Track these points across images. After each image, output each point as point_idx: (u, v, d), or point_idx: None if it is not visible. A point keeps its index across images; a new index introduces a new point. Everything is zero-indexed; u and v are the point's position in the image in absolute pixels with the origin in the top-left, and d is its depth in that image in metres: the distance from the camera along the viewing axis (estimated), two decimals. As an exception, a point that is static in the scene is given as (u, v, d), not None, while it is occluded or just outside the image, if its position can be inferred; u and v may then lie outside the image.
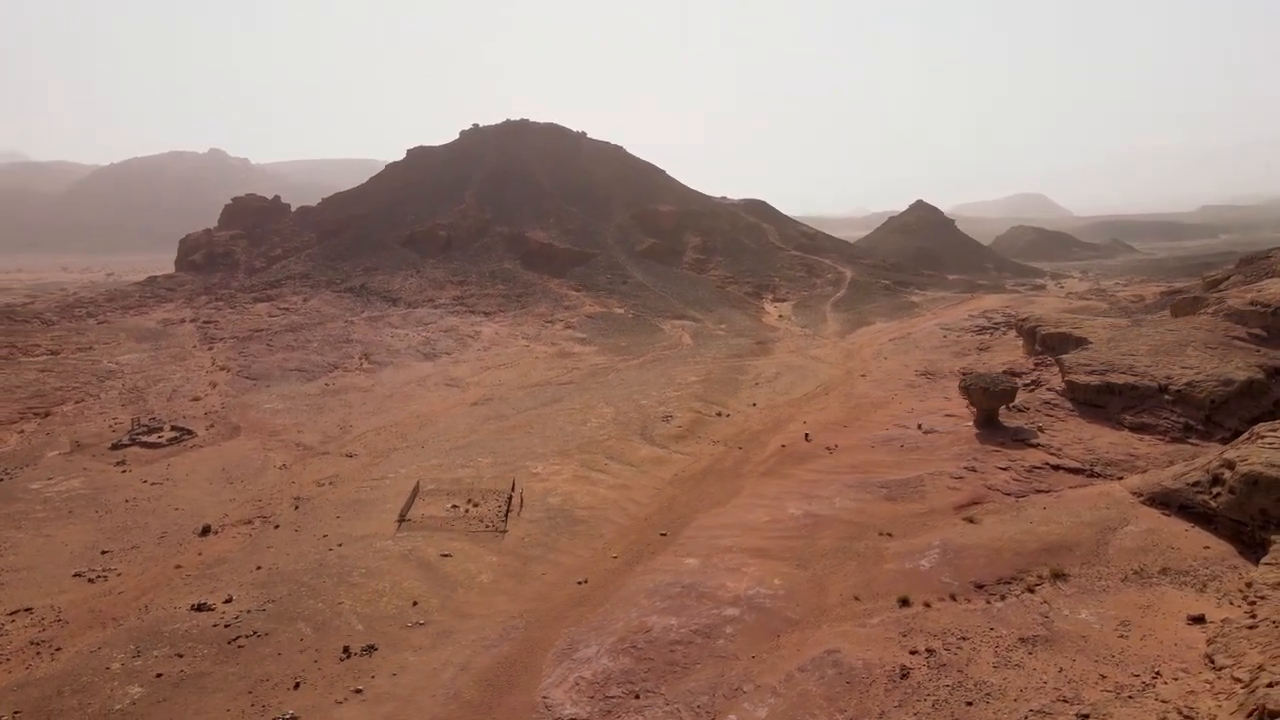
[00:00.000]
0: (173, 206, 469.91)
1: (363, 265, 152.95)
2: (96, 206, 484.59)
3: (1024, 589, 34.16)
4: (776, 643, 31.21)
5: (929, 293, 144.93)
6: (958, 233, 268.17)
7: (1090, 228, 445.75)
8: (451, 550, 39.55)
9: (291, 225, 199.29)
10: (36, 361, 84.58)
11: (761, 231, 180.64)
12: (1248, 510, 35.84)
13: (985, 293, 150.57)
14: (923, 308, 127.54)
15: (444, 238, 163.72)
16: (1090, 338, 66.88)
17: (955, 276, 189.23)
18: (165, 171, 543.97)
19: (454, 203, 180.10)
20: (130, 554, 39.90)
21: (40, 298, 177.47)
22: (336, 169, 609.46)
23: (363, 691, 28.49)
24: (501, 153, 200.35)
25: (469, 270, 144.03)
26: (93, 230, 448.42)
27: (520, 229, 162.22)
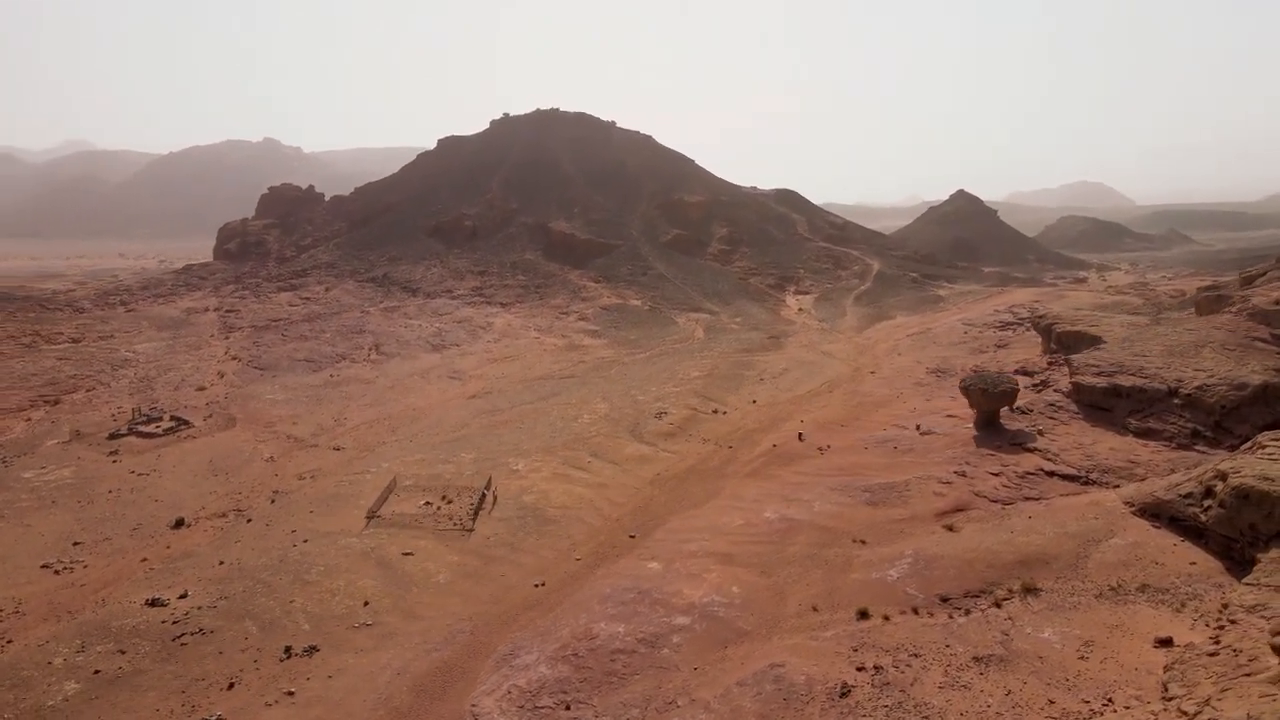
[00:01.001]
0: (229, 194, 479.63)
1: (388, 255, 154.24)
2: (156, 194, 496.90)
3: (991, 603, 32.71)
4: (722, 654, 30.27)
5: (958, 286, 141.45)
6: (999, 223, 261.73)
7: (1150, 217, 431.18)
8: (414, 549, 39.24)
9: (324, 214, 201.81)
10: (57, 349, 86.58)
11: (790, 222, 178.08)
12: (1237, 525, 33.88)
13: (1018, 286, 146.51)
14: (949, 302, 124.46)
15: (470, 228, 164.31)
16: (1105, 337, 64.27)
17: (991, 269, 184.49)
18: (222, 159, 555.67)
19: (481, 192, 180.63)
20: (101, 546, 40.33)
21: (87, 284, 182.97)
22: (385, 156, 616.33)
23: (294, 694, 28.24)
24: (531, 142, 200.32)
25: (491, 261, 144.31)
26: (152, 217, 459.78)
27: (545, 219, 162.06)
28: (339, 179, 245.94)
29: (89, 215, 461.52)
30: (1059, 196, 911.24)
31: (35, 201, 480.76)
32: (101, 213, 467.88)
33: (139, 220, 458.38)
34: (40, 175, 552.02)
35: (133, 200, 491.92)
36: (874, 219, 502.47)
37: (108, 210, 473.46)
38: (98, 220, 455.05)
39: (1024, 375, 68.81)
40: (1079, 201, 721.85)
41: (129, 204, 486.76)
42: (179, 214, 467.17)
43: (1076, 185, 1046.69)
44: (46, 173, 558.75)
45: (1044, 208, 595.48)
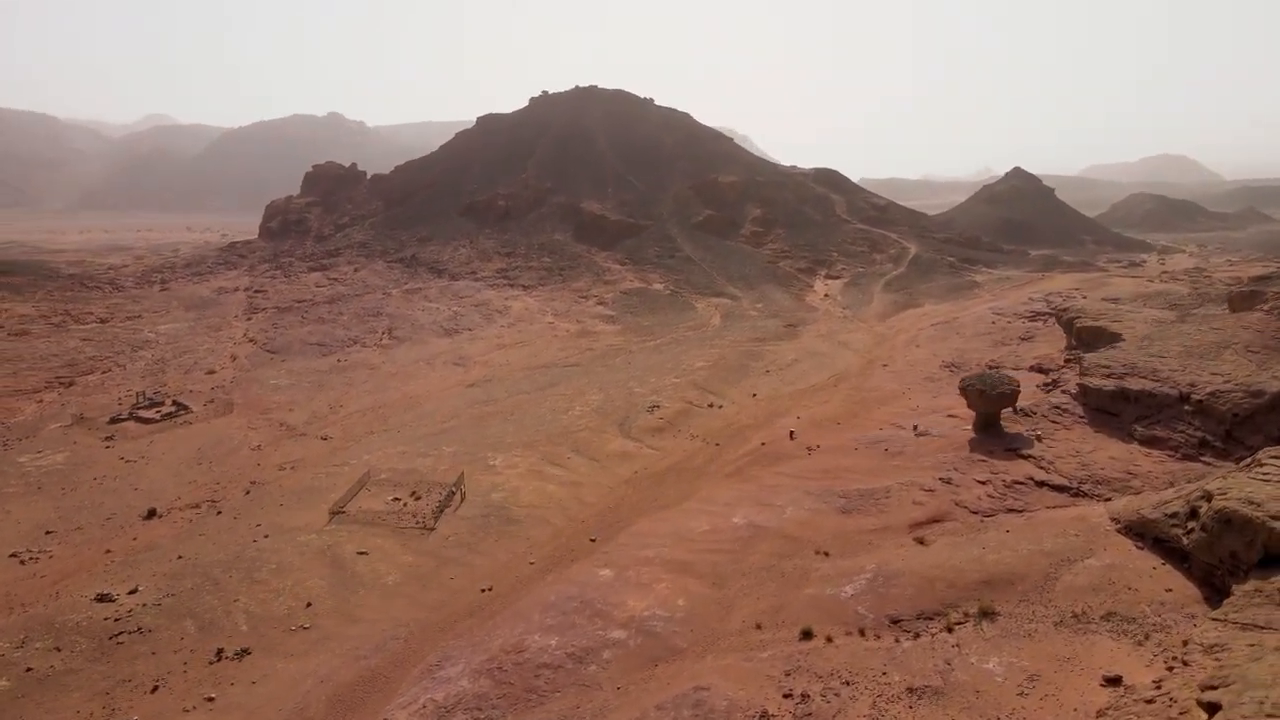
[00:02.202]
0: (292, 168, 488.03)
1: (419, 235, 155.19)
2: (225, 168, 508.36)
3: (943, 627, 31.12)
4: (650, 673, 29.36)
5: (997, 271, 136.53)
6: (1056, 203, 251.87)
7: (1231, 194, 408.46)
8: (371, 548, 39.08)
9: (364, 193, 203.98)
10: (84, 329, 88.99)
11: (829, 203, 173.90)
12: (1217, 552, 31.62)
13: (1062, 272, 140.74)
14: (984, 288, 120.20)
15: (503, 207, 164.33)
16: (1125, 334, 61.02)
17: (1038, 252, 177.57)
18: (288, 134, 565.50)
19: (516, 171, 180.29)
20: (72, 535, 41.07)
21: (145, 258, 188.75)
22: (446, 131, 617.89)
23: (215, 700, 28.22)
24: (568, 120, 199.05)
25: (519, 242, 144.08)
26: (221, 191, 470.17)
27: (577, 199, 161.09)
28: (402, 152, 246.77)
29: (163, 188, 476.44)
30: (1138, 171, 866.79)
31: (115, 175, 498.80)
32: (174, 186, 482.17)
33: (208, 194, 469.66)
34: (120, 149, 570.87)
35: (203, 174, 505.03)
36: (937, 195, 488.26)
37: (180, 184, 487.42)
38: (171, 193, 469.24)
39: (1038, 372, 65.97)
40: (1158, 176, 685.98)
41: (199, 178, 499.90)
42: (245, 188, 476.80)
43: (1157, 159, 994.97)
44: (125, 147, 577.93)
45: (1120, 183, 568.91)
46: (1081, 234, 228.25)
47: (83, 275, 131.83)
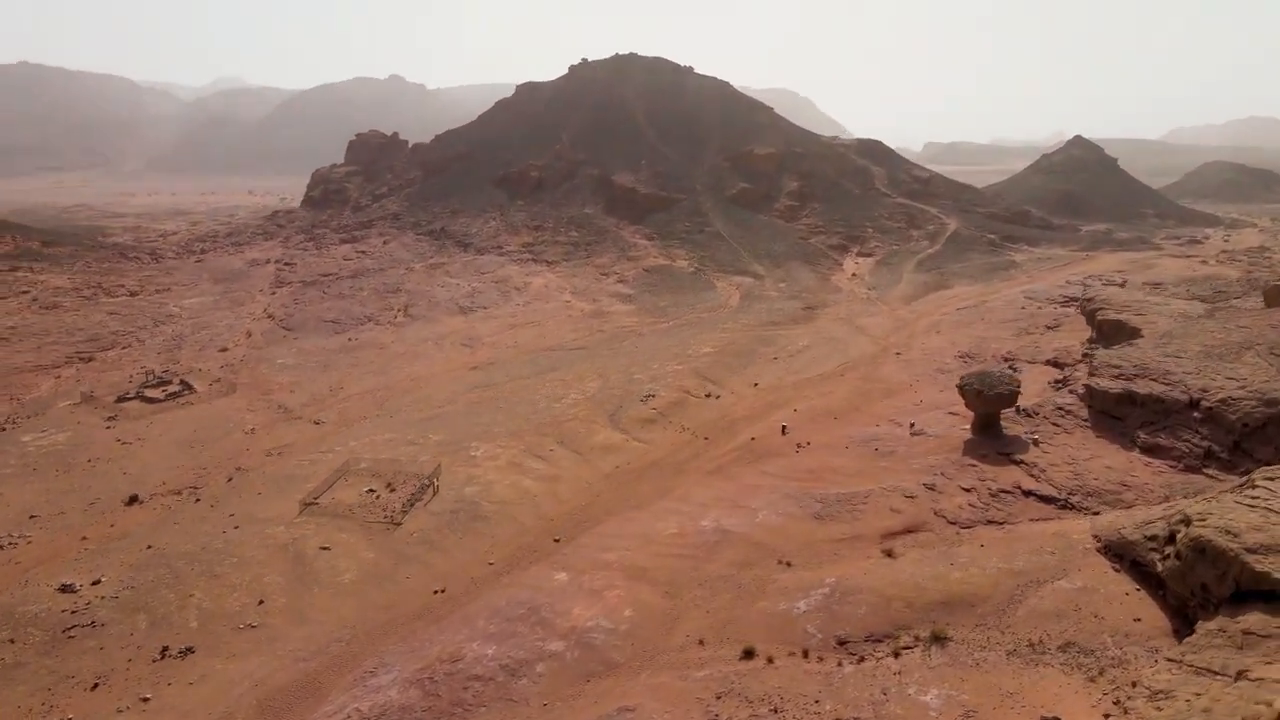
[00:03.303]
0: (353, 131, 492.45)
1: (451, 206, 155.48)
2: (289, 131, 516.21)
3: (890, 651, 30.06)
4: (580, 690, 28.94)
5: (1039, 250, 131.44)
6: (1118, 174, 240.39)
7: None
8: (335, 542, 39.27)
9: (403, 162, 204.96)
10: (113, 303, 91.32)
11: (869, 176, 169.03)
12: (1189, 582, 29.85)
13: (1110, 251, 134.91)
14: (1022, 268, 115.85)
15: (536, 179, 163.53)
16: (1145, 329, 58.07)
17: (1091, 228, 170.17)
18: (350, 97, 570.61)
19: (552, 142, 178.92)
20: (53, 521, 42.12)
21: (202, 222, 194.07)
22: (504, 93, 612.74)
23: (150, 701, 28.64)
24: (605, 89, 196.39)
25: (549, 215, 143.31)
26: (284, 153, 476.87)
27: (610, 171, 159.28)
28: (460, 116, 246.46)
29: (230, 151, 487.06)
30: (1223, 135, 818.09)
31: (185, 137, 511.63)
32: (240, 148, 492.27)
33: (272, 156, 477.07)
34: (191, 112, 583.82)
35: (267, 137, 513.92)
36: (1002, 160, 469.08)
37: (246, 146, 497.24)
38: (237, 155, 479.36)
39: (1054, 366, 63.29)
40: (1244, 141, 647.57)
41: (264, 140, 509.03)
42: (308, 151, 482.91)
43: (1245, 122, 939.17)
44: (195, 109, 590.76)
45: (1202, 146, 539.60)
46: (1143, 207, 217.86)
47: (124, 246, 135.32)
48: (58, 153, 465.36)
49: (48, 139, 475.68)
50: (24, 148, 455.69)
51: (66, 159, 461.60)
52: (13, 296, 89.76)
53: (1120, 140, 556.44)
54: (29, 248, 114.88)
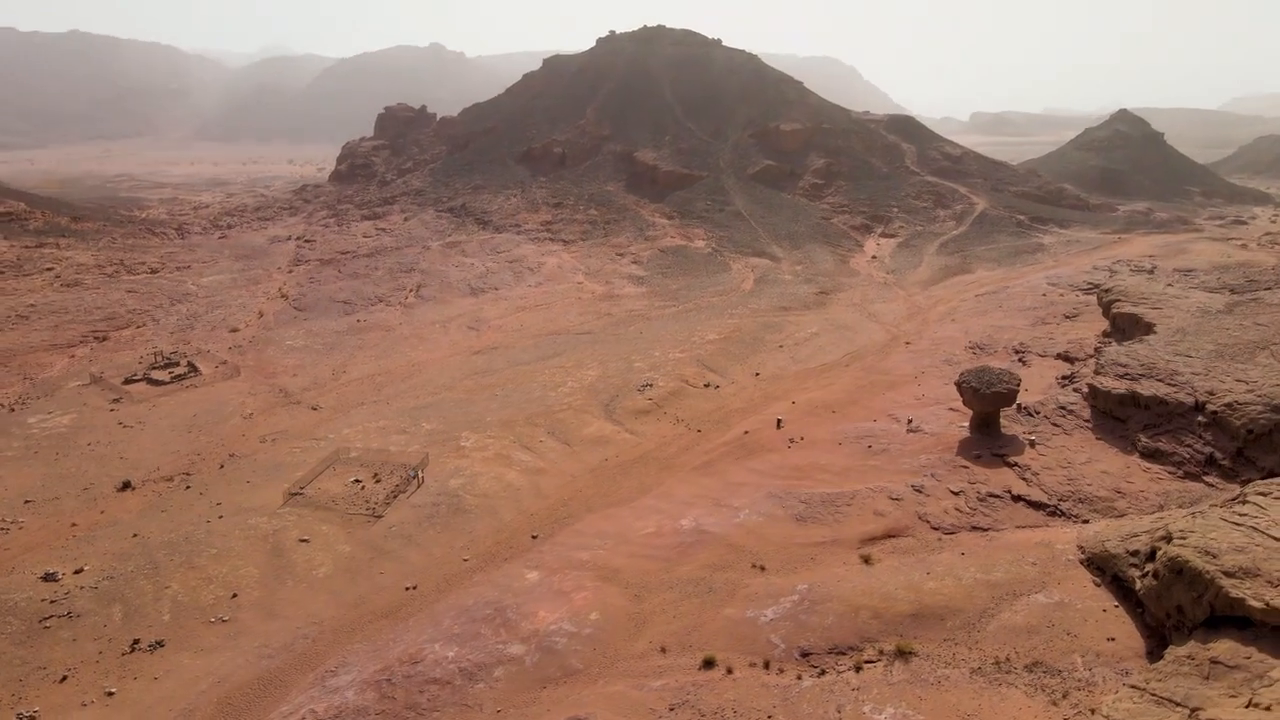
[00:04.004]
0: (393, 99, 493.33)
1: (473, 183, 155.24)
2: (330, 99, 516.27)
3: (852, 665, 29.57)
4: (535, 696, 28.87)
5: (1069, 232, 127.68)
6: (1163, 149, 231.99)
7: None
8: (314, 534, 39.59)
9: (430, 136, 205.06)
10: (133, 280, 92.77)
11: (899, 153, 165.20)
12: (1165, 603, 28.92)
13: (1145, 232, 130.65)
14: (1049, 251, 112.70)
15: (559, 154, 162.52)
16: (1160, 324, 56.06)
17: (1130, 207, 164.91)
18: (390, 65, 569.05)
19: (577, 117, 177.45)
20: (47, 506, 42.97)
21: (236, 196, 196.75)
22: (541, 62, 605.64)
23: (114, 695, 29.15)
24: (631, 62, 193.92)
25: (570, 192, 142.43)
26: (325, 122, 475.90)
27: (633, 147, 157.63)
28: (499, 84, 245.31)
29: (273, 119, 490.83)
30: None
31: (230, 106, 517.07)
32: (283, 117, 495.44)
33: (313, 125, 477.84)
34: (236, 80, 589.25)
35: (310, 105, 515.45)
36: (1052, 131, 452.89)
37: (288, 115, 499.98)
38: (280, 124, 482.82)
39: (1064, 361, 61.52)
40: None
41: (306, 109, 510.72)
42: (348, 119, 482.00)
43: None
44: (241, 77, 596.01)
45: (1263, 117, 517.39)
46: (1189, 184, 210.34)
47: (152, 221, 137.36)
48: (107, 121, 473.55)
49: (97, 107, 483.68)
50: (74, 116, 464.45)
51: (115, 127, 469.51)
52: (37, 274, 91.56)
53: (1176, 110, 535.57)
54: (58, 223, 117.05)
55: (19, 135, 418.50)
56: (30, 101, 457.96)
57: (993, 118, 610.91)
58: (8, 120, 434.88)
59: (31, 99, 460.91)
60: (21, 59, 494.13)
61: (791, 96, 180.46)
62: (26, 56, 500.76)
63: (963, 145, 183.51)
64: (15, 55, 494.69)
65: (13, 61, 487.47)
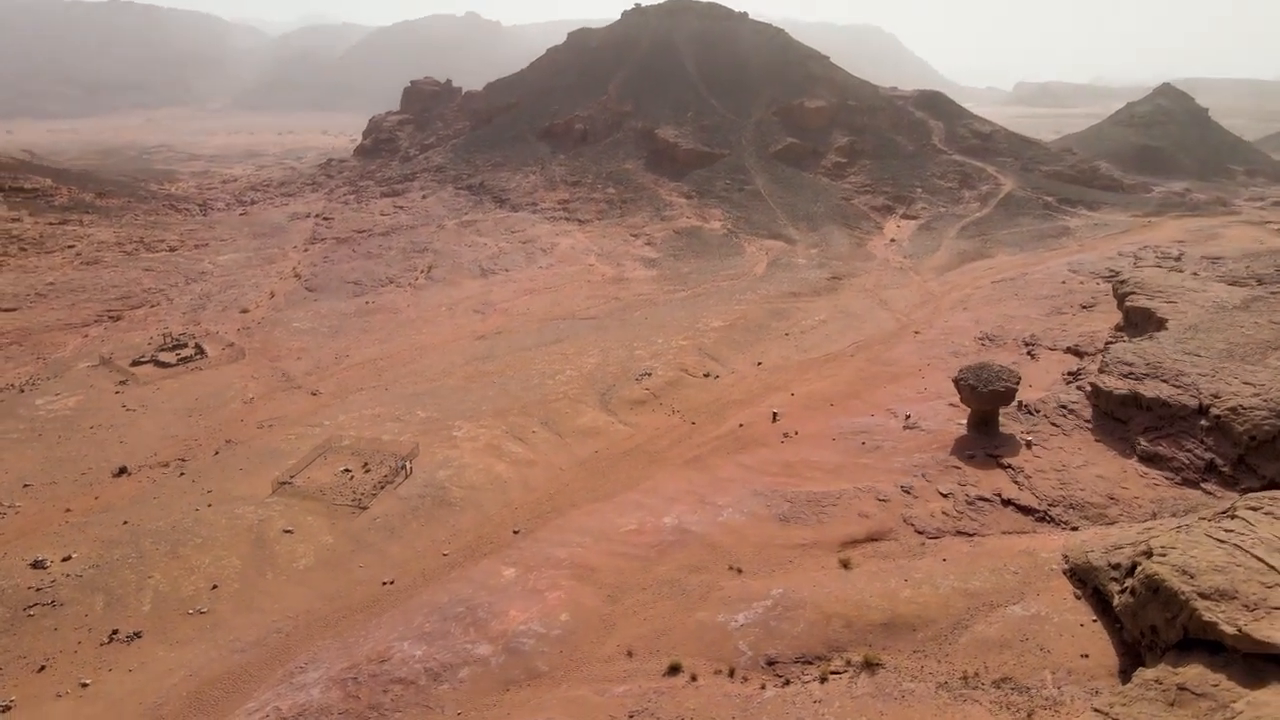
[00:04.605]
0: (428, 69, 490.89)
1: (494, 159, 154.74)
2: (367, 68, 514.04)
3: (817, 676, 29.28)
4: (498, 699, 28.97)
5: (1098, 215, 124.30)
6: (1207, 126, 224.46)
7: None
8: (299, 525, 39.97)
9: (454, 111, 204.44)
10: (151, 259, 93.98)
11: (926, 131, 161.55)
12: (1140, 622, 28.20)
13: (1177, 215, 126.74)
14: (1075, 235, 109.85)
15: (580, 131, 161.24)
16: (1172, 320, 54.39)
17: (1165, 188, 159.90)
18: (427, 34, 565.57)
19: (599, 92, 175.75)
20: (44, 490, 43.83)
21: (268, 168, 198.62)
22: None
23: (89, 686, 29.75)
24: (655, 36, 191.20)
25: (588, 170, 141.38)
26: (361, 91, 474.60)
27: (655, 124, 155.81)
28: (529, 56, 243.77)
29: (310, 88, 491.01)
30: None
31: (269, 74, 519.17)
32: (320, 86, 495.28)
33: (350, 94, 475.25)
34: (275, 48, 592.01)
35: (346, 74, 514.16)
36: (1098, 102, 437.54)
37: (325, 84, 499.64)
38: (317, 93, 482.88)
39: (1074, 355, 60.11)
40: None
41: (343, 78, 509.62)
42: (384, 89, 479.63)
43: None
44: (280, 46, 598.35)
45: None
46: (1232, 163, 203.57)
47: (175, 197, 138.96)
48: (148, 89, 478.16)
49: (139, 75, 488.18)
50: (116, 84, 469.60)
51: (156, 95, 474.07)
52: (58, 251, 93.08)
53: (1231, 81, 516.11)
54: (83, 200, 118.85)
55: (64, 104, 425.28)
56: (74, 70, 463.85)
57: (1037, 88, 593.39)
58: (53, 89, 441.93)
59: (75, 68, 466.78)
60: (64, 28, 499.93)
61: (817, 72, 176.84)
62: (69, 25, 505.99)
63: (994, 122, 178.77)
64: (58, 24, 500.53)
65: (56, 30, 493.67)
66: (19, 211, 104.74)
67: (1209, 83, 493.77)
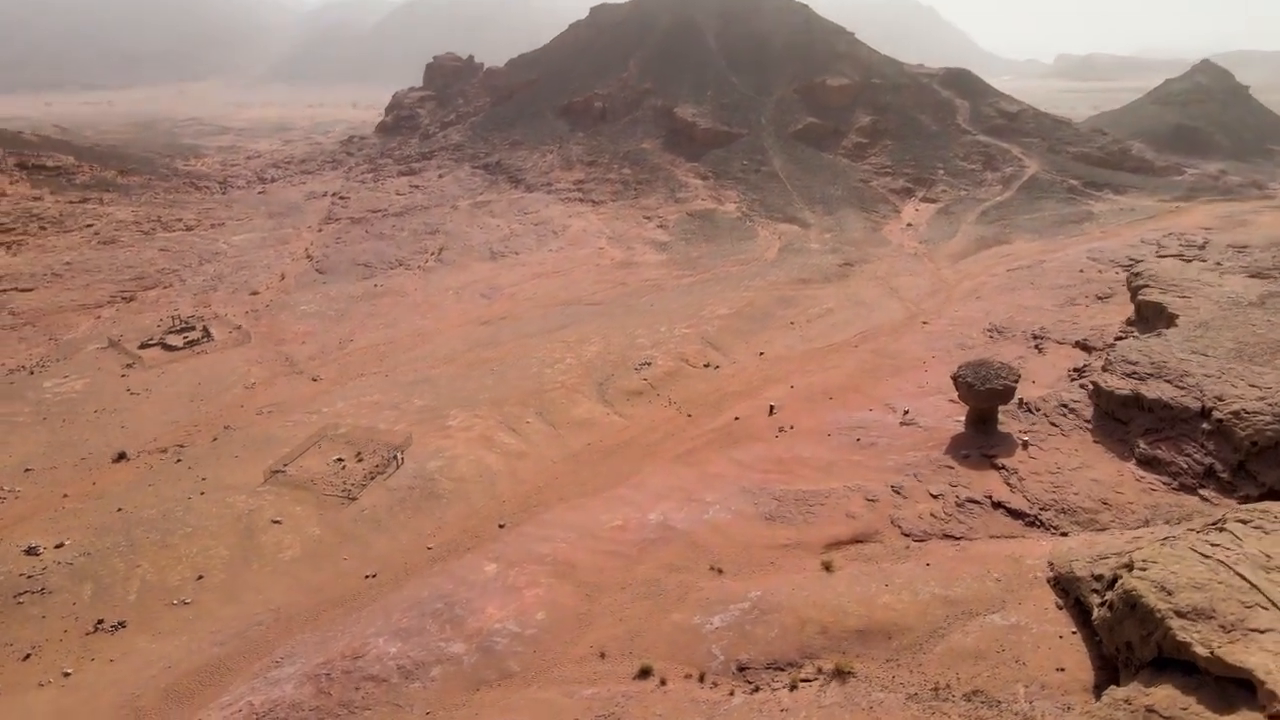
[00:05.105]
0: (459, 43, 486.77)
1: (512, 138, 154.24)
2: (398, 40, 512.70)
3: (787, 684, 29.16)
4: (467, 699, 29.18)
5: (1125, 199, 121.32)
6: (1248, 105, 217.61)
7: None
8: (287, 516, 40.39)
9: (475, 88, 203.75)
10: (168, 238, 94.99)
11: (951, 110, 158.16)
12: (1115, 638, 27.68)
13: (1208, 200, 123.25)
14: (1098, 221, 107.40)
15: (599, 109, 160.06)
16: (1183, 316, 53.01)
17: (1199, 170, 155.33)
18: (457, 5, 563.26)
19: (619, 69, 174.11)
20: (44, 475, 44.69)
21: (295, 143, 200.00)
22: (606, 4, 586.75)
23: (70, 676, 30.41)
24: (677, 11, 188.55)
25: (605, 149, 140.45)
26: (393, 63, 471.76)
27: (674, 102, 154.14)
28: (560, 28, 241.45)
29: (343, 60, 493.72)
30: None
31: (302, 47, 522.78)
32: (353, 58, 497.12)
33: (381, 67, 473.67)
34: (308, 21, 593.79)
35: (379, 46, 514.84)
36: (1142, 75, 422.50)
37: (357, 56, 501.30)
38: (348, 65, 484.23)
39: (1082, 349, 58.92)
40: None
41: (374, 50, 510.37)
42: (417, 61, 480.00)
43: None
44: (313, 17, 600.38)
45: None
46: (1274, 143, 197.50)
47: (196, 174, 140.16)
48: (183, 61, 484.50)
49: (176, 48, 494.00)
50: (152, 55, 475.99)
51: (191, 68, 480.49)
52: (77, 230, 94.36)
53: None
54: (104, 178, 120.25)
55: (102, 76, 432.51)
56: (112, 43, 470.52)
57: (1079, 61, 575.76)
58: (92, 60, 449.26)
59: (113, 41, 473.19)
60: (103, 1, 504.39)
61: (841, 49, 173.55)
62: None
63: (1022, 101, 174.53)
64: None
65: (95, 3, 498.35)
66: (41, 190, 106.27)
67: (1264, 56, 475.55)
